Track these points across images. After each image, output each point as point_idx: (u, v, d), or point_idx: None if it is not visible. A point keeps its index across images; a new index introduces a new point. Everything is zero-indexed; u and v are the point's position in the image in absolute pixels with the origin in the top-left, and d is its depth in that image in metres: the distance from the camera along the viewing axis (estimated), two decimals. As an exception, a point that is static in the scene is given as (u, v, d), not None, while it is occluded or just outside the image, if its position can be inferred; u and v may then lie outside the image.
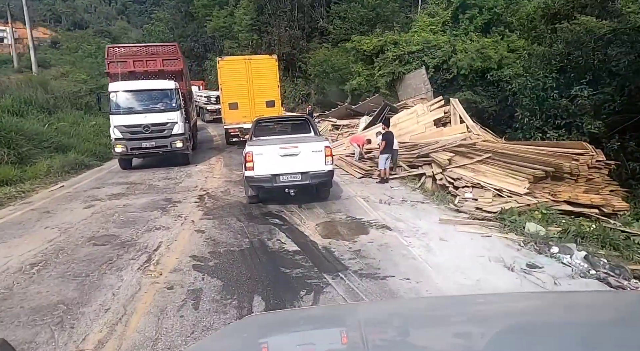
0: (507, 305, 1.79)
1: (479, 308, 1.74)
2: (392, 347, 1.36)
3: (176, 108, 13.71)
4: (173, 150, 13.80)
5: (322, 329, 1.64)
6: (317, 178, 8.31)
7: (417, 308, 1.94)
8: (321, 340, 1.52)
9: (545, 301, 1.86)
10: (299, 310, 3.78)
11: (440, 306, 1.90)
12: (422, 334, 1.50)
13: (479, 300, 2.12)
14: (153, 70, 14.93)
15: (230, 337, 1.67)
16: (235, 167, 13.89)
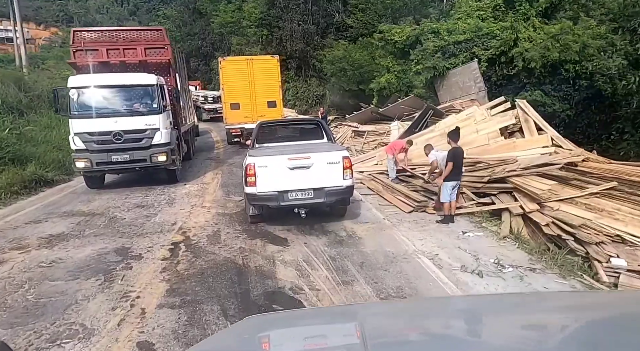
0: (508, 305, 1.75)
1: (479, 309, 1.69)
2: (393, 348, 1.31)
3: (158, 110, 10.19)
4: (154, 165, 10.28)
5: (322, 330, 1.58)
6: (333, 196, 6.61)
7: (417, 309, 1.89)
8: (321, 341, 1.48)
9: (545, 302, 1.80)
10: (299, 310, 3.50)
11: (441, 306, 1.87)
12: (422, 334, 1.46)
13: (479, 300, 2.18)
14: (133, 62, 11.45)
15: (231, 338, 1.63)
16: (235, 187, 10.33)
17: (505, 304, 1.78)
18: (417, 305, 2.15)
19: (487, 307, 1.71)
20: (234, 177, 11.67)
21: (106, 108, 9.93)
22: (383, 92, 17.04)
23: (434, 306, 1.93)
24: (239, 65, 15.79)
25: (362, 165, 12.12)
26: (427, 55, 14.62)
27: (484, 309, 1.68)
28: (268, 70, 15.66)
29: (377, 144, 14.03)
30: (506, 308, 1.68)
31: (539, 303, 1.74)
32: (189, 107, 16.90)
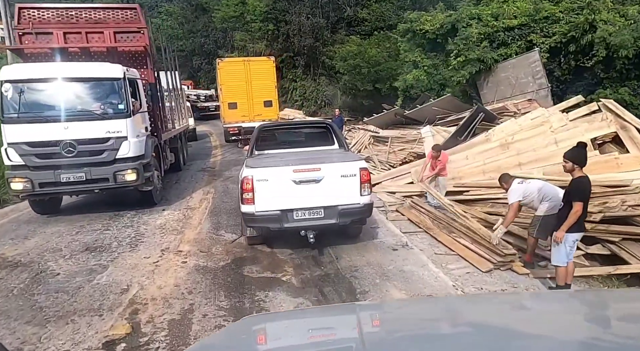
0: (507, 305, 1.73)
1: (478, 308, 1.67)
2: (391, 347, 1.26)
3: (126, 112, 7.45)
4: (120, 186, 7.53)
5: (321, 329, 1.56)
6: (348, 216, 5.29)
7: (416, 308, 1.86)
8: (320, 341, 1.45)
9: (545, 301, 1.78)
10: (297, 311, 3.41)
11: (440, 306, 1.85)
12: (421, 334, 1.42)
13: (477, 300, 2.21)
14: (98, 49, 8.70)
15: (228, 338, 1.58)
16: (228, 216, 7.60)
17: (504, 304, 1.77)
18: (415, 305, 2.12)
19: (486, 307, 1.69)
20: (229, 199, 8.90)
21: (53, 109, 7.19)
22: (410, 92, 14.15)
23: (432, 305, 1.93)
24: (237, 66, 16.05)
25: (393, 184, 9.30)
26: (470, 44, 11.74)
27: (482, 308, 1.66)
28: (264, 71, 15.97)
29: (407, 154, 11.19)
30: (505, 308, 1.66)
31: (538, 303, 1.71)
32: (181, 108, 14.14)
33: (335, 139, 6.80)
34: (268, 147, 6.72)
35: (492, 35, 11.78)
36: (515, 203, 5.12)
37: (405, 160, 11.17)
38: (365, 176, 5.27)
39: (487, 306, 1.71)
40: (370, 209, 5.49)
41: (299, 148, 6.64)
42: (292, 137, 7.23)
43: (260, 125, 7.15)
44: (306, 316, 1.83)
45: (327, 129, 6.96)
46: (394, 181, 9.37)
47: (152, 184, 8.14)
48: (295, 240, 5.94)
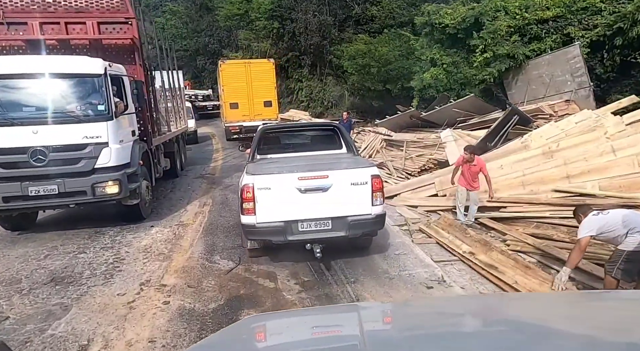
0: (508, 305, 1.72)
1: (479, 309, 1.67)
2: (392, 347, 1.24)
3: (107, 115, 6.33)
4: (99, 199, 6.40)
5: (322, 329, 1.55)
6: (358, 228, 4.81)
7: (416, 309, 1.85)
8: (320, 341, 1.43)
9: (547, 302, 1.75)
10: (298, 310, 3.35)
11: (442, 306, 1.84)
12: (423, 334, 1.40)
13: (478, 300, 2.18)
14: (80, 42, 7.60)
15: (229, 338, 1.55)
16: (226, 236, 6.47)
17: (506, 304, 1.75)
18: (416, 305, 2.12)
19: (487, 307, 1.68)
20: (228, 212, 7.76)
21: (20, 111, 6.07)
22: (428, 92, 12.91)
23: (433, 306, 1.91)
24: (238, 68, 16.56)
25: (414, 196, 8.12)
26: (498, 39, 10.50)
27: (483, 309, 1.65)
28: (264, 73, 16.39)
29: (426, 161, 10.00)
30: (506, 308, 1.65)
31: (540, 304, 1.70)
32: (179, 109, 13.03)
33: (343, 143, 6.29)
34: (271, 150, 6.20)
35: (523, 28, 10.54)
36: (586, 238, 3.94)
37: (425, 168, 10.00)
38: (378, 184, 4.79)
39: (489, 306, 1.70)
40: (383, 220, 4.99)
41: (304, 153, 6.12)
42: (297, 140, 6.64)
43: (262, 127, 6.54)
44: (307, 316, 1.83)
45: (334, 132, 6.44)
46: (415, 193, 8.18)
47: (138, 197, 7.01)
48: (304, 269, 4.82)
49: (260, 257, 5.39)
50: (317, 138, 6.62)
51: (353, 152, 6.07)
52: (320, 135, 6.69)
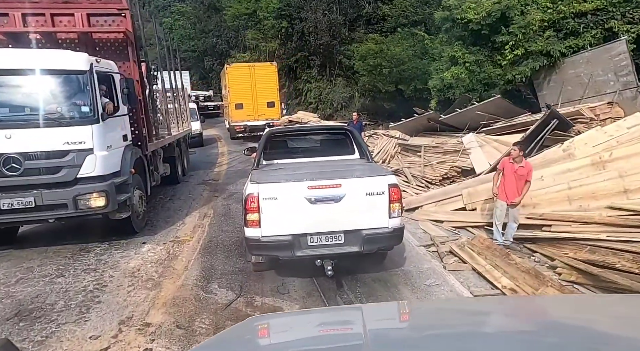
0: (512, 308, 1.70)
1: (483, 311, 1.64)
2: (396, 348, 1.23)
3: (92, 117, 5.51)
4: (82, 213, 5.58)
5: (325, 331, 1.53)
6: (374, 243, 4.36)
7: (420, 310, 1.82)
8: (324, 341, 1.41)
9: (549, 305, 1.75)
10: (302, 312, 3.26)
11: (445, 309, 1.84)
12: (425, 336, 1.40)
13: (483, 303, 2.15)
14: (66, 36, 6.79)
15: (233, 339, 1.52)
16: (227, 255, 5.63)
17: (509, 307, 1.73)
18: (420, 307, 2.07)
19: (491, 310, 1.67)
20: (230, 226, 6.92)
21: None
22: (448, 92, 11.92)
23: (437, 308, 1.90)
24: (243, 71, 17.58)
25: (439, 210, 7.19)
26: (531, 34, 9.51)
27: (487, 311, 1.63)
28: (267, 75, 17.44)
29: (448, 169, 9.04)
30: (510, 311, 1.63)
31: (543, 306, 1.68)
32: (182, 110, 12.24)
33: (355, 147, 5.84)
34: (278, 155, 5.75)
35: (558, 22, 9.53)
36: None
37: (447, 176, 9.04)
38: (396, 194, 4.33)
39: (493, 309, 1.67)
40: (401, 235, 4.52)
41: (314, 158, 5.69)
42: (306, 143, 6.20)
43: (269, 130, 6.16)
44: (311, 317, 1.79)
45: (346, 135, 6.02)
46: (440, 206, 7.24)
47: (129, 210, 6.16)
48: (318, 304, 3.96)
49: (265, 271, 4.95)
50: (327, 142, 6.17)
51: (367, 158, 5.57)
52: (331, 139, 6.26)
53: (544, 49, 9.45)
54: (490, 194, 6.69)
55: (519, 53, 9.63)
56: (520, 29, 9.60)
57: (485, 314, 1.58)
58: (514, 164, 5.48)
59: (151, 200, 8.58)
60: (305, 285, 4.69)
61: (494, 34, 10.47)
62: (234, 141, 18.51)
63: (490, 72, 10.58)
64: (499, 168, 5.70)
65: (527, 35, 9.60)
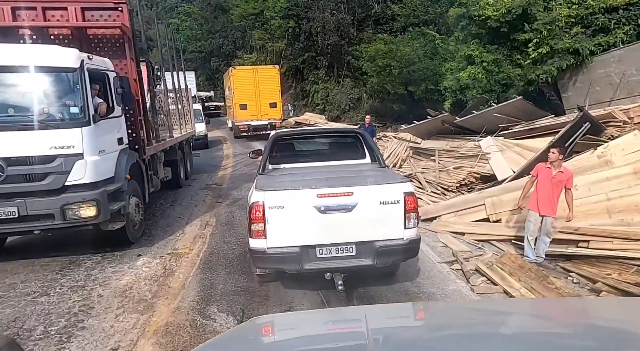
0: (516, 311, 1.66)
1: (486, 314, 1.63)
2: (399, 349, 1.24)
3: (82, 119, 5.01)
4: (71, 224, 5.08)
5: (328, 331, 1.53)
6: (389, 256, 4.06)
7: (424, 312, 1.81)
8: (326, 342, 1.42)
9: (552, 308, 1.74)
10: (304, 312, 3.23)
11: (448, 311, 1.79)
12: (429, 338, 1.40)
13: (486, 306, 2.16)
14: (59, 31, 6.31)
15: (236, 339, 1.52)
16: (231, 270, 5.10)
17: (514, 310, 1.69)
18: (423, 308, 2.04)
19: (495, 312, 1.65)
20: (233, 236, 6.39)
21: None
22: (464, 93, 11.29)
23: (441, 309, 1.87)
24: (247, 73, 18.59)
25: (459, 220, 6.59)
26: (557, 31, 8.87)
27: (492, 313, 1.62)
28: (270, 78, 18.34)
29: (466, 175, 8.44)
30: (514, 314, 1.60)
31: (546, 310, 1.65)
32: (185, 111, 11.76)
33: (366, 151, 5.52)
34: (284, 160, 5.46)
35: (586, 18, 8.89)
36: None
37: (465, 182, 8.44)
38: (412, 203, 4.04)
39: (497, 312, 1.65)
40: (417, 246, 4.24)
41: (323, 162, 5.42)
42: (314, 147, 6.00)
43: (275, 132, 5.83)
44: (314, 319, 1.76)
45: (357, 138, 5.71)
46: (460, 216, 6.65)
47: (123, 219, 5.65)
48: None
49: (270, 283, 4.65)
50: (337, 145, 5.91)
51: (379, 163, 5.22)
52: (340, 142, 6.00)
53: (571, 47, 8.80)
54: (516, 204, 6.12)
55: (543, 51, 8.99)
56: (546, 25, 8.94)
57: (490, 316, 1.56)
58: (551, 169, 4.88)
59: (151, 205, 8.11)
60: (316, 308, 4.14)
61: (514, 31, 9.84)
62: (240, 143, 18.07)
63: (510, 72, 9.95)
64: (533, 175, 5.11)
65: (553, 32, 8.95)
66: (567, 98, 9.22)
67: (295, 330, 1.53)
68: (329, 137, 6.27)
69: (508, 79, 10.09)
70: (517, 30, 9.78)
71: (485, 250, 5.67)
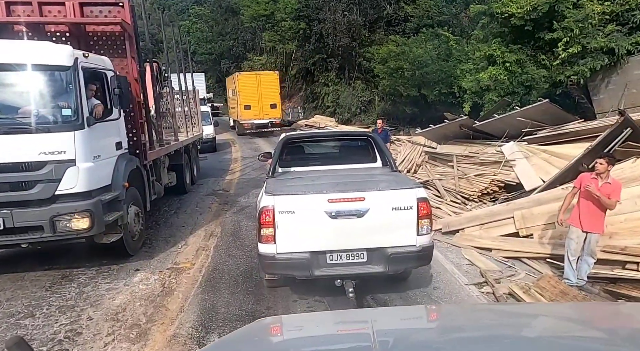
0: (523, 315, 1.65)
1: (493, 318, 1.62)
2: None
3: (73, 121, 4.55)
4: (61, 237, 4.61)
5: (334, 333, 1.53)
6: (401, 263, 3.99)
7: (430, 315, 1.81)
8: (333, 344, 1.41)
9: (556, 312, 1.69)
10: (310, 314, 3.06)
11: (453, 314, 1.78)
12: (434, 341, 1.38)
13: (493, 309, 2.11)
14: (56, 28, 5.89)
15: (241, 340, 1.50)
16: (235, 289, 4.60)
17: (522, 313, 1.69)
18: (430, 312, 2.02)
19: (503, 316, 1.64)
20: (239, 249, 5.89)
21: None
22: (482, 96, 10.66)
23: (446, 313, 1.86)
24: (250, 78, 20.92)
25: (485, 234, 6.01)
26: (589, 29, 8.23)
27: (498, 318, 1.61)
28: (270, 82, 20.69)
29: (489, 183, 7.84)
30: (522, 317, 1.60)
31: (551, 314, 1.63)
32: (193, 114, 11.33)
33: (378, 155, 5.43)
34: (294, 163, 5.39)
35: (622, 15, 8.24)
36: None
37: (487, 191, 7.84)
38: (425, 209, 3.94)
39: (505, 316, 1.64)
40: (431, 254, 4.12)
41: (333, 166, 5.32)
42: (324, 150, 5.94)
43: (285, 135, 5.67)
44: (320, 321, 1.75)
45: (368, 142, 5.65)
46: (486, 229, 6.07)
47: (120, 231, 5.19)
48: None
49: (278, 287, 4.57)
50: (347, 149, 5.89)
51: (391, 167, 5.10)
52: (351, 145, 5.98)
53: (606, 46, 8.15)
54: (549, 218, 5.52)
55: (574, 51, 8.34)
56: (577, 23, 8.27)
57: (497, 319, 1.55)
58: (597, 180, 4.30)
59: (154, 213, 7.67)
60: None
61: (539, 30, 9.18)
62: (248, 146, 17.65)
63: (534, 73, 9.31)
64: (575, 186, 4.52)
65: (585, 30, 8.29)
66: (599, 101, 8.56)
67: (302, 331, 1.53)
68: (339, 140, 6.17)
69: (532, 80, 9.44)
70: (543, 28, 9.13)
71: (517, 269, 5.10)
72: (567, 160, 7.38)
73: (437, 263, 5.20)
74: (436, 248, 5.72)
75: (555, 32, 8.65)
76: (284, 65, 30.84)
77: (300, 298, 4.39)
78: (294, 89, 30.83)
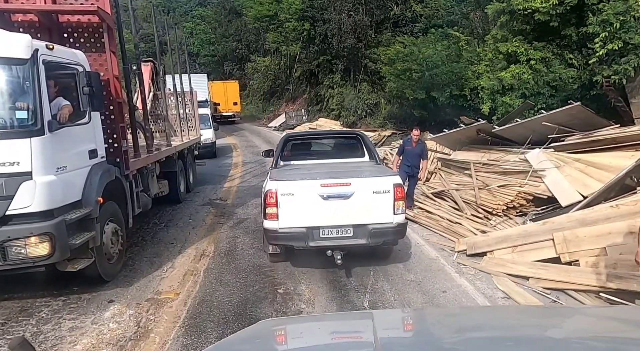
0: (525, 318, 1.65)
1: (497, 320, 1.60)
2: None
3: (30, 126, 3.72)
4: (13, 264, 3.79)
5: (336, 335, 1.52)
6: (380, 237, 4.83)
7: (433, 318, 1.77)
8: (334, 346, 1.42)
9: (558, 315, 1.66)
10: (312, 316, 3.32)
11: (455, 316, 1.78)
12: (437, 344, 1.36)
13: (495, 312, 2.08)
14: (24, 18, 5.07)
15: (243, 342, 1.50)
16: (227, 324, 3.66)
17: (526, 316, 1.69)
18: (432, 314, 2.02)
19: (504, 319, 1.63)
20: (233, 274, 5.03)
21: None
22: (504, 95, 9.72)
23: (449, 314, 1.87)
24: (220, 86, 28.90)
25: (519, 259, 5.11)
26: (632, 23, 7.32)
27: (500, 320, 1.60)
28: (233, 87, 29.76)
29: (515, 196, 6.95)
30: (526, 320, 1.59)
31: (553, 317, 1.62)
32: (190, 117, 10.51)
33: (366, 151, 6.28)
34: (294, 157, 6.28)
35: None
36: None
37: (513, 205, 6.95)
38: (400, 193, 4.73)
39: (508, 318, 1.64)
40: (404, 229, 4.92)
41: (327, 160, 6.22)
42: (320, 147, 6.87)
43: (286, 134, 6.91)
44: (322, 322, 1.76)
45: (357, 140, 6.52)
46: (520, 253, 5.17)
47: (91, 255, 4.34)
48: None
49: (280, 262, 5.26)
50: (340, 146, 6.76)
51: (375, 161, 6.05)
52: (343, 143, 6.84)
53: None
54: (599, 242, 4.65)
55: (615, 47, 7.43)
56: (618, 15, 7.38)
57: (500, 323, 1.54)
58: None
59: (142, 226, 6.86)
60: None
61: (567, 26, 8.29)
62: (250, 150, 16.87)
63: (561, 73, 8.40)
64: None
65: (628, 23, 7.39)
66: (637, 104, 7.66)
67: (302, 334, 1.51)
68: (333, 138, 7.21)
69: (559, 80, 8.54)
70: (570, 24, 8.24)
71: (563, 304, 4.21)
72: (606, 170, 6.50)
73: (467, 297, 4.34)
74: (463, 277, 4.89)
75: (591, 26, 7.75)
76: (288, 67, 30.04)
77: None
78: (298, 92, 30.03)
